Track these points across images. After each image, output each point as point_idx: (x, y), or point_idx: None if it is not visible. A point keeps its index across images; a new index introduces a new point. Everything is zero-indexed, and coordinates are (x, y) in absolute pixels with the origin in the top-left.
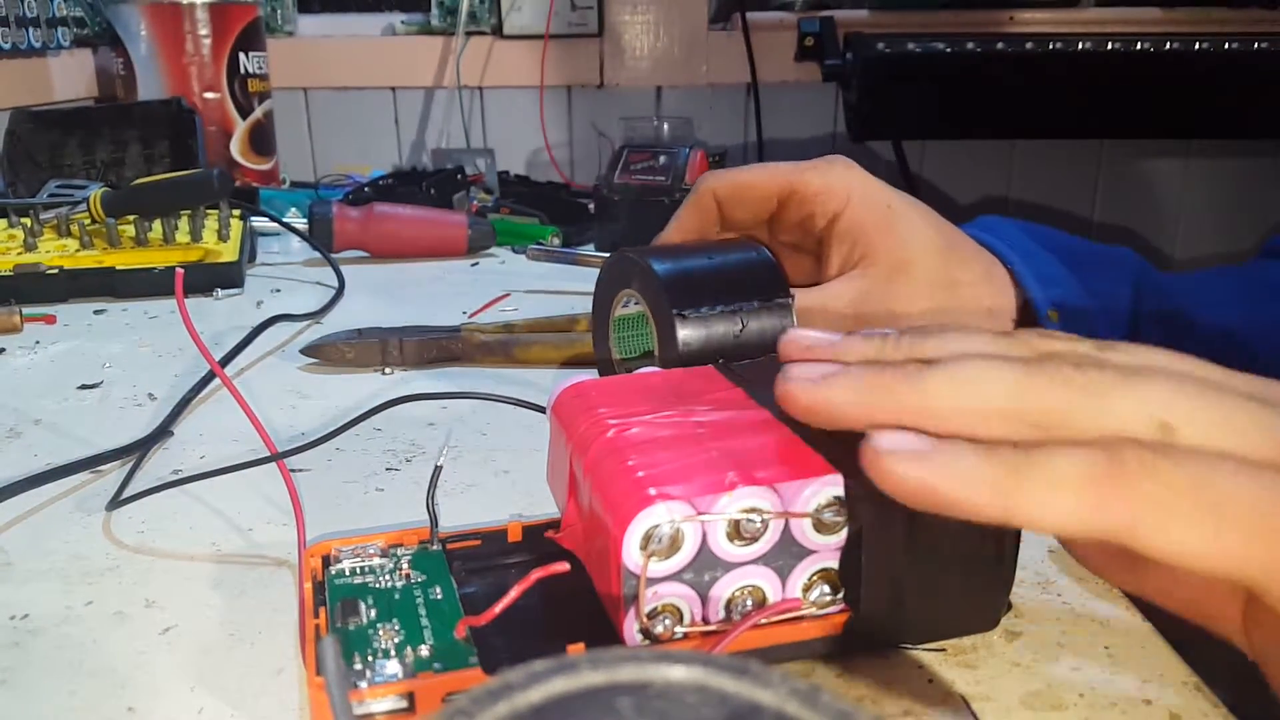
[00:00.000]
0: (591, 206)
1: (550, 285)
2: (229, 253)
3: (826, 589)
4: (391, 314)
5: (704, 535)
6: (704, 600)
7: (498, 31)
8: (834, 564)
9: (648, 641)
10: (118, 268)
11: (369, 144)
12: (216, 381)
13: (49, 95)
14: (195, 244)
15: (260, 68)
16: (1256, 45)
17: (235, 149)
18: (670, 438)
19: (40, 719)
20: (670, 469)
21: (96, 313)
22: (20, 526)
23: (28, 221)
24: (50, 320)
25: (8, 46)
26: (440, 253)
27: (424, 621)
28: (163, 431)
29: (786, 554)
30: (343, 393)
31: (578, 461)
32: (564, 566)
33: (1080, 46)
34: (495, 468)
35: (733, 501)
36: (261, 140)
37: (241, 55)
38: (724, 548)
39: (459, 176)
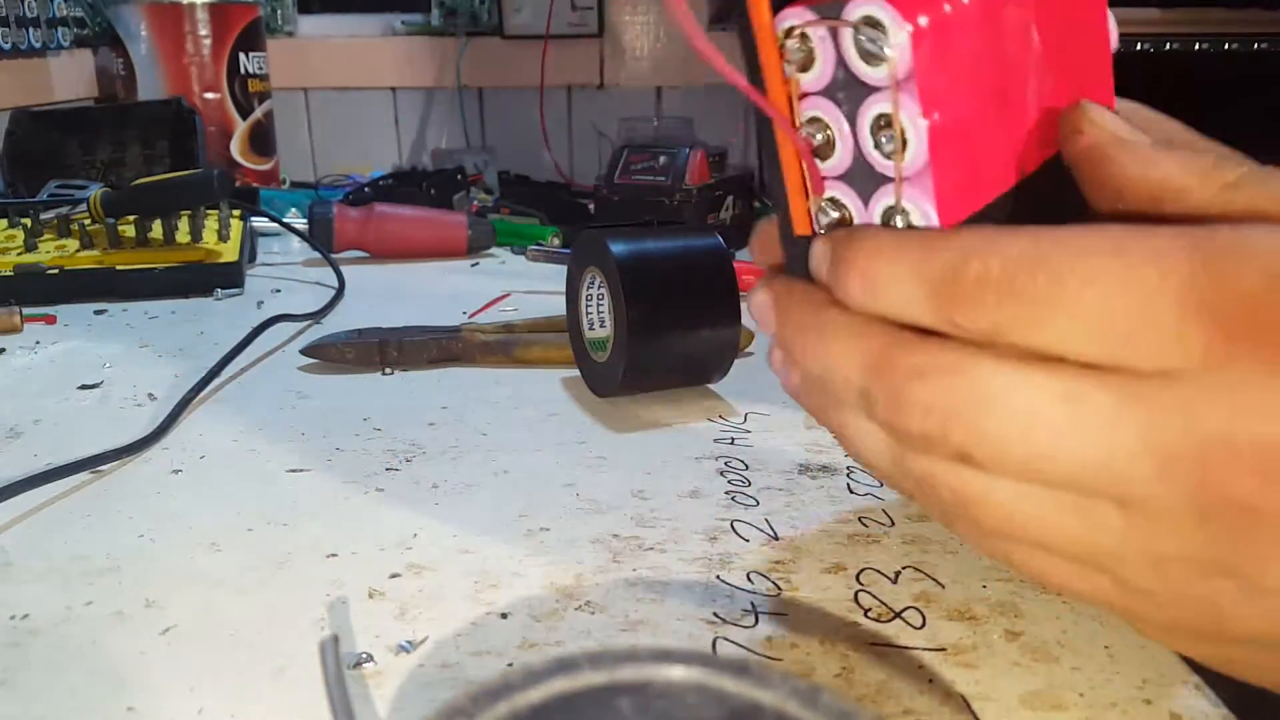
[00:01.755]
0: (591, 206)
1: (550, 285)
2: (229, 253)
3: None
4: (391, 314)
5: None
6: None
7: (498, 32)
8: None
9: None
10: (118, 268)
11: (369, 144)
12: (216, 381)
13: (49, 95)
14: (195, 244)
15: (260, 68)
16: (1256, 45)
17: (235, 149)
18: None
19: (40, 719)
20: None
21: (96, 313)
22: (20, 526)
23: (28, 221)
24: (50, 320)
25: (8, 46)
26: (440, 253)
27: None
28: (163, 431)
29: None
30: (343, 393)
31: None
32: None
33: None
34: (495, 468)
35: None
36: (261, 140)
37: (241, 55)
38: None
39: (459, 176)
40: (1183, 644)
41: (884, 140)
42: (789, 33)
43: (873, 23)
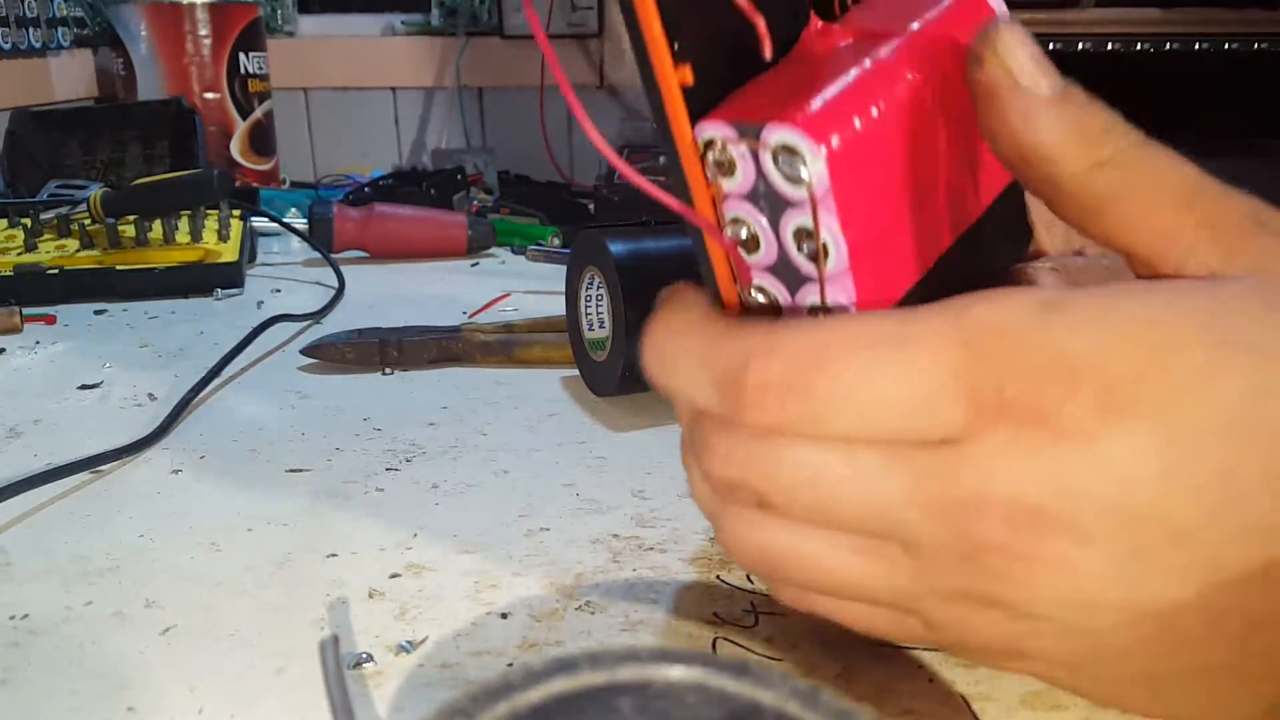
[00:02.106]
0: (591, 206)
1: (550, 285)
2: (229, 253)
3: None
4: (391, 314)
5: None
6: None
7: (498, 32)
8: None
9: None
10: (118, 268)
11: (369, 144)
12: (216, 381)
13: (49, 95)
14: (195, 244)
15: (260, 68)
16: (1256, 45)
17: (235, 149)
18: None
19: (40, 719)
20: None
21: (96, 313)
22: (20, 526)
23: (28, 221)
24: (50, 320)
25: (8, 46)
26: (440, 253)
27: None
28: (163, 431)
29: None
30: (343, 393)
31: None
32: None
33: (1080, 46)
34: (495, 468)
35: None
36: (261, 140)
37: (241, 55)
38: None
39: (459, 176)
40: (1001, 663)
41: (805, 247)
42: (709, 144)
43: (789, 149)
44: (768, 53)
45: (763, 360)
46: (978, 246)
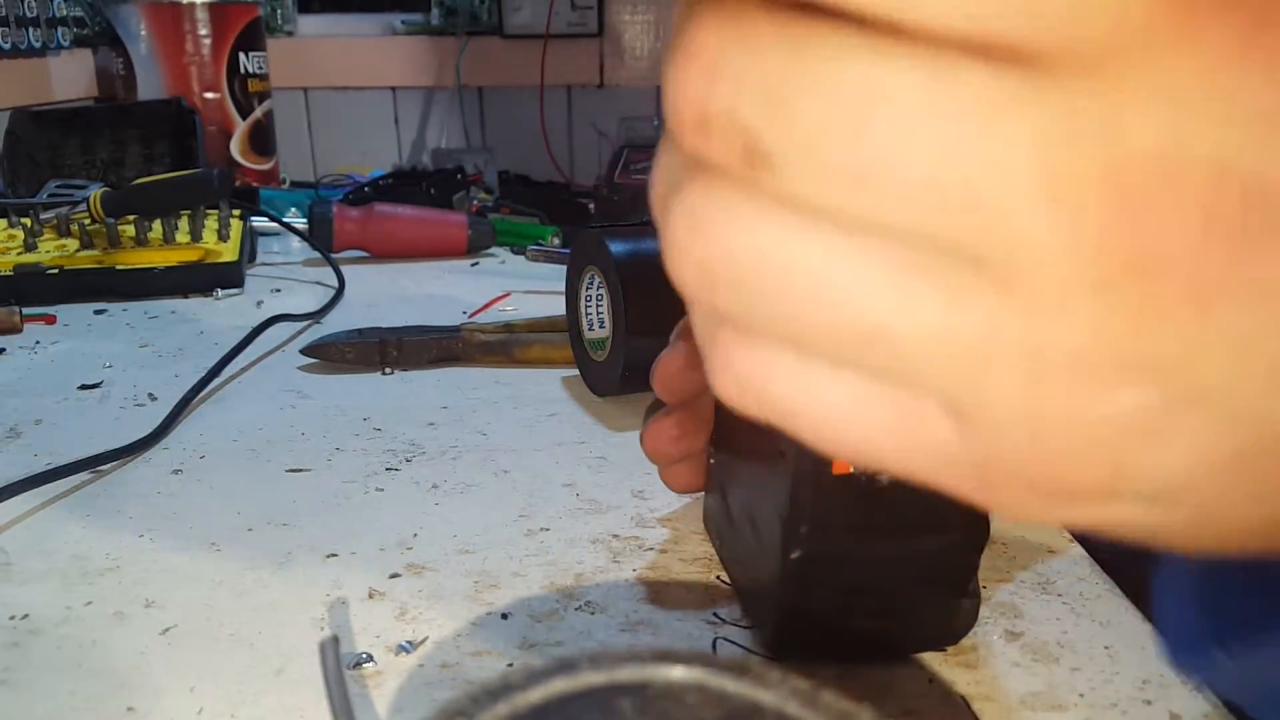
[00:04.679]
0: (591, 206)
1: (550, 285)
2: (229, 253)
3: None
4: (391, 314)
5: None
6: None
7: (498, 31)
8: None
9: None
10: (118, 268)
11: (369, 144)
12: (216, 381)
13: (49, 95)
14: (195, 244)
15: (260, 67)
16: None
17: (235, 149)
18: None
19: (40, 719)
20: None
21: (96, 313)
22: (20, 526)
23: (28, 221)
24: (50, 320)
25: (8, 46)
26: (440, 253)
27: None
28: (163, 431)
29: None
30: (343, 393)
31: None
32: None
33: None
34: (495, 468)
35: None
36: (261, 140)
37: (241, 55)
38: None
39: (459, 176)
40: (1039, 508)
41: None
42: None
43: None
44: None
45: None
46: None
